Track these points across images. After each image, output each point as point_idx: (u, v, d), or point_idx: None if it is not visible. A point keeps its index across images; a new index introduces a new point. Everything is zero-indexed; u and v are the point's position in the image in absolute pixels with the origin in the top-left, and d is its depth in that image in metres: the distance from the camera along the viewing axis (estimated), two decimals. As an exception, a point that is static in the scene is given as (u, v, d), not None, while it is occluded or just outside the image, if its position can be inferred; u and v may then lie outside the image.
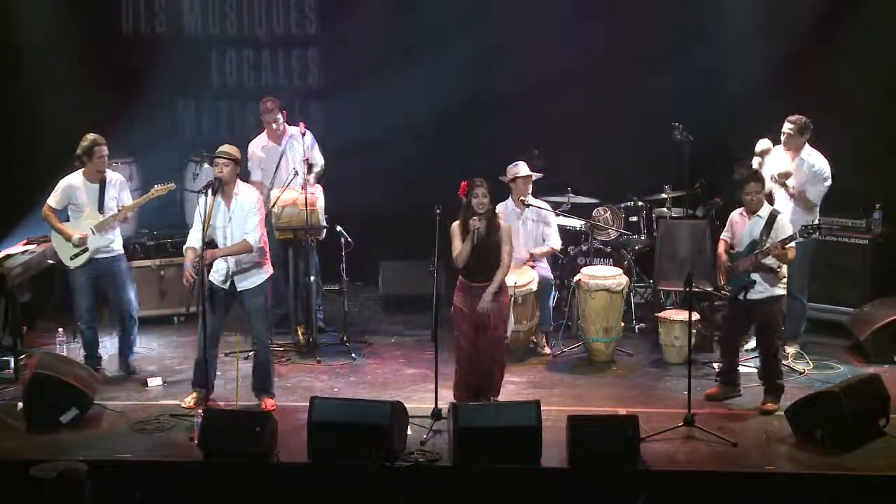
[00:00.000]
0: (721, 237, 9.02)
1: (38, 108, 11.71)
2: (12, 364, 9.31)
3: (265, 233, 8.78)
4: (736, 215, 8.93)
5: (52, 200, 9.37)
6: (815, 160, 9.64)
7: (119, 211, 9.36)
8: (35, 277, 10.18)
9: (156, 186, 9.54)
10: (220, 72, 12.37)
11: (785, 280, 8.77)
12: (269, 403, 8.75)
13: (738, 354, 9.05)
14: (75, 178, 9.38)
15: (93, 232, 9.34)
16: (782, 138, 9.66)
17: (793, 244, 8.68)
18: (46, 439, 8.17)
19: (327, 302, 11.05)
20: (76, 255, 9.36)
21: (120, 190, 9.47)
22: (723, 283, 8.82)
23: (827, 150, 9.75)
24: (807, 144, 9.67)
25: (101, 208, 9.36)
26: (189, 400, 8.79)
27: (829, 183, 9.64)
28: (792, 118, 9.65)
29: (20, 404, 8.51)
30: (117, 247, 9.52)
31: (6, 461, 7.79)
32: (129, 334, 9.62)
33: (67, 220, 9.43)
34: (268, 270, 8.83)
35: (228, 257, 8.66)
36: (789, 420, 8.24)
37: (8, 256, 9.94)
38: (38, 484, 6.84)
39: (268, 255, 8.85)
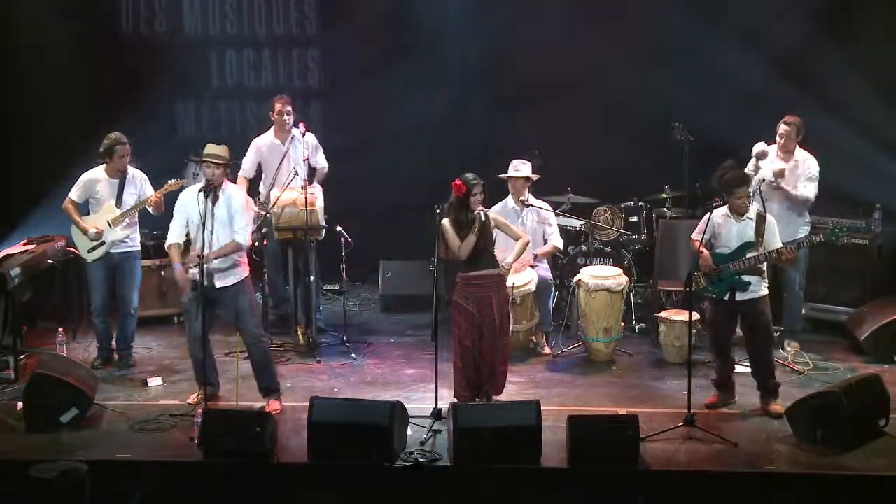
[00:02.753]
0: (694, 238, 8.70)
1: (39, 108, 11.72)
2: (12, 364, 9.30)
3: (251, 234, 8.77)
4: (719, 216, 8.65)
5: (74, 194, 9.51)
6: (811, 161, 9.64)
7: (135, 205, 9.45)
8: (35, 277, 10.18)
9: (170, 181, 9.62)
10: (220, 72, 12.39)
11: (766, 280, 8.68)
12: (272, 406, 8.64)
13: (732, 358, 8.83)
14: (97, 173, 9.53)
15: (109, 225, 9.45)
16: (779, 139, 9.65)
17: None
18: (46, 439, 8.16)
19: (327, 302, 11.04)
20: (93, 249, 9.48)
21: (140, 186, 9.58)
22: (703, 284, 8.58)
23: (827, 151, 9.76)
24: (797, 146, 9.68)
25: (118, 203, 9.48)
26: (193, 397, 8.83)
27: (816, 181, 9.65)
28: (789, 119, 9.65)
29: (20, 404, 8.50)
30: (134, 244, 9.65)
31: (6, 461, 7.77)
32: (128, 329, 9.69)
33: (88, 214, 9.55)
34: (244, 270, 8.72)
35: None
36: (789, 420, 8.23)
37: (8, 256, 9.96)
38: (38, 484, 6.83)
39: (245, 256, 8.74)
